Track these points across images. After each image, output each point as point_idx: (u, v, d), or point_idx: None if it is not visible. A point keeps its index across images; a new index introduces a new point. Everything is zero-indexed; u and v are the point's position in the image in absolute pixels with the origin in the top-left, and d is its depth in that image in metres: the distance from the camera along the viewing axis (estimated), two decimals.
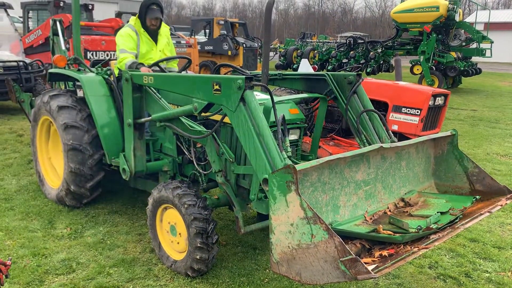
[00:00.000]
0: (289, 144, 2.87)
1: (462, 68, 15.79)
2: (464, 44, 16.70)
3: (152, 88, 3.74)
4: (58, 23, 5.30)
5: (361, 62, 17.32)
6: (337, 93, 3.68)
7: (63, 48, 5.17)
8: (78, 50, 4.63)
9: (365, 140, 3.44)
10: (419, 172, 3.38)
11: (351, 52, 17.73)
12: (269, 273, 3.53)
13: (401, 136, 5.90)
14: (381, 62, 17.40)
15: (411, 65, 16.51)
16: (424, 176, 3.43)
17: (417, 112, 5.75)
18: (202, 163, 3.80)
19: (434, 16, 15.67)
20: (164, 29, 4.71)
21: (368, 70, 16.99)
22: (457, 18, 16.17)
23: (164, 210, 3.54)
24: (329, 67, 18.31)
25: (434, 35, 15.44)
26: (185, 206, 3.27)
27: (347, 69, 15.30)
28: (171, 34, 13.69)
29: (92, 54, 9.71)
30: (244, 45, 16.12)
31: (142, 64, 4.24)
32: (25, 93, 6.07)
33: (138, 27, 4.51)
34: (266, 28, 3.47)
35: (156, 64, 4.19)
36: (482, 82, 19.77)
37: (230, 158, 3.34)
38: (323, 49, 19.99)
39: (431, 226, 2.69)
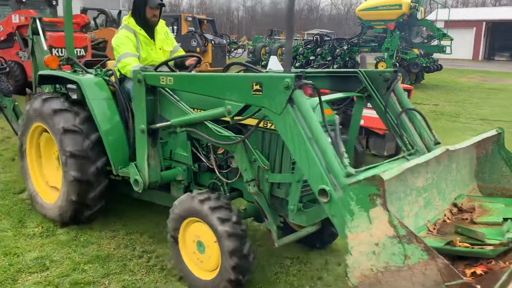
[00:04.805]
0: (345, 150, 2.58)
1: (424, 65, 16.18)
2: (425, 41, 17.17)
3: (167, 90, 3.33)
4: (38, 21, 4.69)
5: (327, 59, 17.39)
6: (372, 92, 3.41)
7: (45, 48, 4.59)
8: (71, 49, 4.08)
9: (407, 142, 3.20)
10: (465, 175, 3.20)
11: (318, 49, 17.76)
12: None
13: (367, 131, 6.05)
14: (347, 59, 17.56)
15: (375, 61, 16.75)
16: (469, 178, 3.25)
17: None
18: (224, 171, 3.45)
19: (397, 14, 16.02)
20: (160, 24, 4.29)
21: (334, 67, 17.06)
22: (419, 16, 16.63)
23: (188, 225, 3.17)
24: (297, 64, 18.24)
25: (398, 33, 15.77)
26: (218, 220, 2.92)
27: (315, 66, 15.27)
28: None
29: (58, 51, 9.00)
30: (212, 41, 15.83)
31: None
32: (7, 98, 5.42)
33: (133, 26, 4.05)
34: (288, 24, 3.15)
35: (165, 63, 3.79)
36: (443, 78, 20.41)
37: (265, 166, 3.02)
38: None
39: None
